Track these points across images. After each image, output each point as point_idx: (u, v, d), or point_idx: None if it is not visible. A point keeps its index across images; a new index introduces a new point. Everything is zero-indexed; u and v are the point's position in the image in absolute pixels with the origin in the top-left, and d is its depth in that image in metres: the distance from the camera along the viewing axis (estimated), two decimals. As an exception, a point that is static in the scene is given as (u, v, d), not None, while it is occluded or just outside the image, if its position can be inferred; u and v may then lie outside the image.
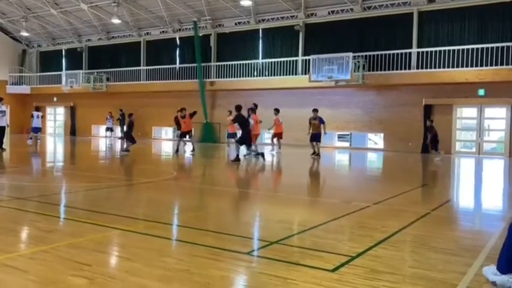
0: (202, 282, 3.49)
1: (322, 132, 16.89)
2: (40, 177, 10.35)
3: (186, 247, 4.54)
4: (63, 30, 31.89)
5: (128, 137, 17.42)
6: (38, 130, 21.16)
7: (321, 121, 16.87)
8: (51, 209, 6.40)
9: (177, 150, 17.14)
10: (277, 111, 19.03)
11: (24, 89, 34.20)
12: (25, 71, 34.89)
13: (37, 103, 34.62)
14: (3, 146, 16.60)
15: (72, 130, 33.22)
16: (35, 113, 21.33)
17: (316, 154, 16.74)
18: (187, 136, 18.08)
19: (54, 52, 34.38)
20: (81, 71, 30.73)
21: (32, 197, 7.30)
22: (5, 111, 17.25)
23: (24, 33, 32.00)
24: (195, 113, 18.23)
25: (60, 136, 33.17)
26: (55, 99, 33.73)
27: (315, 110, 17.18)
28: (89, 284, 3.39)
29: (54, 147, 23.24)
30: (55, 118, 35.52)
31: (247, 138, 14.73)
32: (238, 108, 14.90)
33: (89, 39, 32.40)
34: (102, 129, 32.08)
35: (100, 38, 31.53)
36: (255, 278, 3.69)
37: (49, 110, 35.49)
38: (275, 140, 19.20)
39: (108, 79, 30.25)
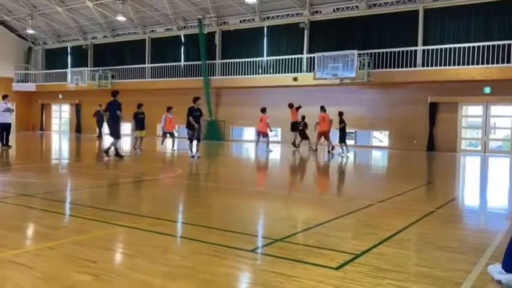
0: (206, 279, 3.50)
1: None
2: (45, 174, 10.39)
3: (190, 244, 4.55)
4: (68, 28, 31.98)
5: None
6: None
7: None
8: (56, 206, 6.43)
9: (296, 145, 17.84)
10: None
11: (30, 87, 34.34)
12: (31, 68, 35.03)
13: (42, 100, 34.79)
14: (9, 143, 16.69)
15: (77, 127, 33.33)
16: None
17: (313, 149, 18.59)
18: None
19: (59, 50, 34.49)
20: (86, 69, 30.82)
21: (37, 193, 7.34)
22: (10, 108, 17.31)
23: (30, 31, 32.13)
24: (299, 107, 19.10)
25: (65, 133, 33.29)
26: (60, 96, 33.85)
27: (322, 108, 18.61)
28: (93, 281, 3.40)
29: (59, 144, 23.33)
30: (60, 115, 35.65)
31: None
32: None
33: (94, 37, 32.48)
34: (106, 127, 32.14)
35: (105, 36, 31.60)
36: (259, 275, 3.69)
37: (54, 108, 35.62)
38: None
39: (113, 76, 30.32)
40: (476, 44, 19.30)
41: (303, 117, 20.56)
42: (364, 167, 15.55)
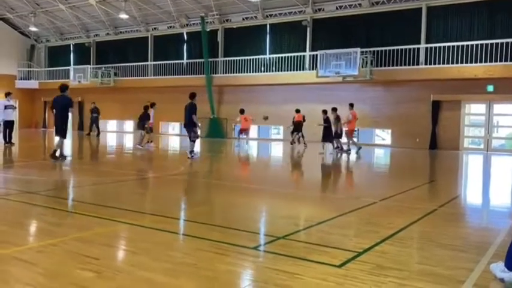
0: (208, 277, 3.51)
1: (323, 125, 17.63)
2: (48, 172, 10.41)
3: (192, 241, 4.56)
4: (71, 25, 32.01)
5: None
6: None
7: (337, 119, 17.51)
8: (59, 203, 6.45)
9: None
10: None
11: (33, 84, 34.40)
12: (34, 66, 35.08)
13: (45, 98, 34.82)
14: (12, 141, 16.72)
15: (80, 125, 33.37)
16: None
17: (339, 148, 17.50)
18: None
19: (62, 47, 34.53)
20: (89, 66, 30.85)
21: (40, 191, 7.35)
22: (13, 105, 17.34)
23: (33, 28, 32.17)
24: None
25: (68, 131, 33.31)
26: (63, 94, 33.84)
27: (334, 109, 17.64)
28: (96, 278, 3.41)
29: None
30: (63, 113, 35.65)
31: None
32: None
33: (96, 34, 32.50)
34: (110, 124, 32.22)
35: (108, 33, 31.62)
36: (261, 272, 3.69)
37: (57, 105, 35.65)
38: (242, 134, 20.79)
39: (115, 74, 30.34)
40: (479, 42, 19.23)
41: (303, 118, 20.59)
42: (367, 165, 15.52)
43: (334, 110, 17.66)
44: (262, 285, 3.39)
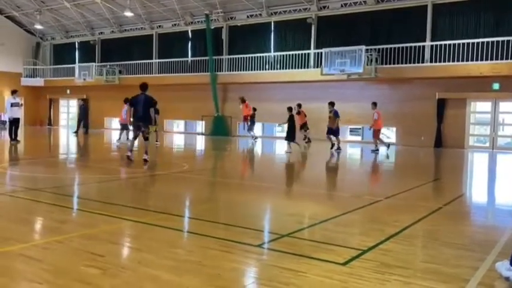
0: (212, 274, 3.52)
1: (338, 125, 17.17)
2: (53, 169, 10.46)
3: (197, 239, 4.57)
4: (76, 23, 32.09)
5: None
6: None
7: (335, 114, 16.97)
8: (64, 200, 6.47)
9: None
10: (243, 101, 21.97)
11: (38, 82, 34.53)
12: (39, 63, 35.20)
13: (50, 95, 34.97)
14: (18, 138, 16.81)
15: (85, 122, 33.45)
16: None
17: (334, 148, 16.78)
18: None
19: (67, 45, 34.62)
20: (93, 64, 30.93)
21: (45, 188, 7.39)
22: (19, 103, 17.42)
23: (38, 26, 32.27)
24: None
25: (72, 128, 33.42)
26: (68, 91, 34.00)
27: (330, 104, 17.29)
28: (101, 275, 3.43)
29: (67, 139, 23.45)
30: (68, 111, 35.83)
31: None
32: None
33: (101, 32, 32.55)
34: (115, 122, 32.28)
35: (113, 31, 31.67)
36: (265, 270, 3.70)
37: (62, 103, 35.81)
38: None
39: (120, 72, 30.39)
40: (485, 40, 19.11)
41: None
42: (371, 163, 15.49)
43: (332, 104, 17.20)
44: (266, 282, 3.39)
